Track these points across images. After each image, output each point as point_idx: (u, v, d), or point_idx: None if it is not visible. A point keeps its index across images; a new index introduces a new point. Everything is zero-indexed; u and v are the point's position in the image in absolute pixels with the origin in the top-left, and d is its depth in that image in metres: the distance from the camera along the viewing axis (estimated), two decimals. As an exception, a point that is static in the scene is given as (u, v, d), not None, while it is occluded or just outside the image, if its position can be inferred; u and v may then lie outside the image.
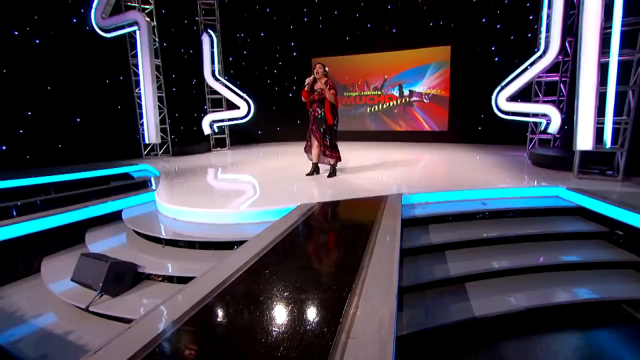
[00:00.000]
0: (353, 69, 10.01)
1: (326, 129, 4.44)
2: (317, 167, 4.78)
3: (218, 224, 3.38)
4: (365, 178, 4.58)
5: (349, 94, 10.22)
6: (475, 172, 4.93)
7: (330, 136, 4.50)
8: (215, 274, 2.13)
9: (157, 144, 7.98)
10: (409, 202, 3.76)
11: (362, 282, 1.95)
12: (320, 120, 4.45)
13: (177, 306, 1.78)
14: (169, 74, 8.59)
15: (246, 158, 7.47)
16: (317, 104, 4.38)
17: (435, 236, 3.25)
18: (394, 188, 3.98)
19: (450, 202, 3.80)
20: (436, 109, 9.30)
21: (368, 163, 5.83)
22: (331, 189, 4.07)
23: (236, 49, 10.23)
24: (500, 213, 3.62)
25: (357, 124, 10.18)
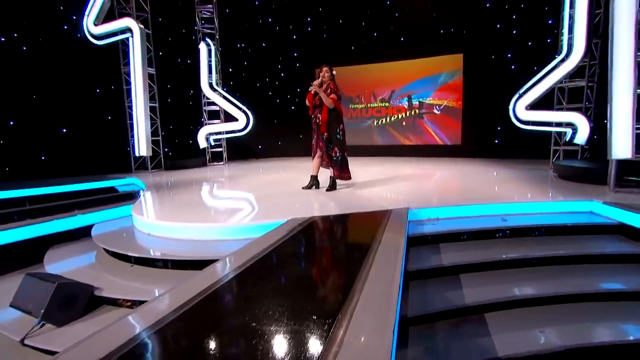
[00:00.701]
0: (359, 80, 9.99)
1: (329, 138, 4.25)
2: (316, 180, 4.58)
3: (197, 241, 3.15)
4: (368, 192, 4.37)
5: (354, 107, 10.18)
6: (493, 186, 4.68)
7: (335, 146, 4.25)
8: (169, 298, 1.79)
9: (148, 157, 7.86)
10: (416, 217, 3.45)
11: (352, 312, 1.60)
12: (319, 128, 4.29)
13: (110, 339, 1.44)
14: (164, 84, 8.59)
15: (243, 172, 7.38)
16: (318, 110, 4.22)
17: (447, 257, 2.91)
18: (400, 202, 3.74)
19: (465, 218, 3.49)
20: (448, 121, 9.15)
21: (374, 178, 5.65)
22: (329, 203, 3.86)
23: (236, 60, 10.28)
24: (524, 231, 3.27)
25: (364, 138, 10.08)
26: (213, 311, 1.68)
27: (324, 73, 4.22)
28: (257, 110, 9.28)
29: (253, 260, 2.29)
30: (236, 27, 10.04)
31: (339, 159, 4.30)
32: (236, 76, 10.26)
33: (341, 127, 4.31)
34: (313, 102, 4.27)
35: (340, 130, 4.29)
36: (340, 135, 4.29)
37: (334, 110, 4.22)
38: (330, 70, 4.28)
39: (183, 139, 9.25)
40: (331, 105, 4.15)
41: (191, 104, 9.42)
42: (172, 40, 8.94)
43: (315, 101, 4.25)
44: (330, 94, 4.18)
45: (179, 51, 9.09)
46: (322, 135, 4.21)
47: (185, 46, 9.11)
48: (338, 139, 4.27)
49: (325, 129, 4.17)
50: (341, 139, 4.30)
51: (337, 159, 4.29)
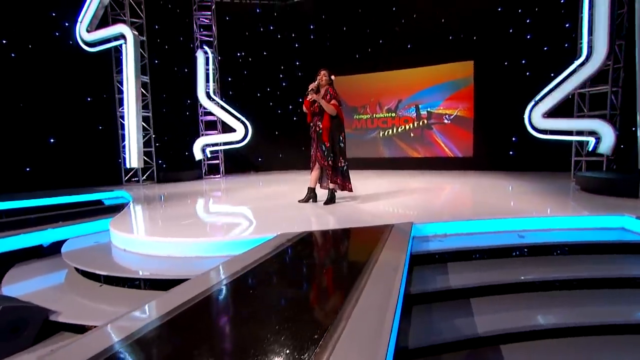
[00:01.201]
0: (364, 89, 9.92)
1: (330, 147, 4.12)
2: (314, 192, 4.43)
3: (176, 258, 2.98)
4: (370, 206, 4.19)
5: (359, 117, 10.08)
6: (508, 200, 4.45)
7: (340, 156, 4.15)
8: (125, 322, 1.55)
9: (139, 169, 7.82)
10: (421, 233, 3.23)
11: (335, 343, 1.35)
12: (321, 137, 4.15)
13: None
14: (159, 93, 8.61)
15: (239, 185, 7.30)
16: (318, 117, 4.10)
17: (456, 278, 2.65)
18: (404, 217, 3.55)
19: (477, 235, 3.25)
20: (458, 131, 8.99)
21: (377, 191, 5.51)
22: (326, 217, 3.70)
23: (236, 69, 10.28)
24: (544, 249, 3.01)
25: (369, 150, 9.97)
26: (172, 339, 1.46)
27: (322, 77, 4.14)
28: (257, 121, 9.25)
29: (227, 281, 2.07)
30: (236, 35, 10.08)
31: (344, 169, 4.21)
32: (236, 85, 10.24)
33: (343, 135, 4.22)
34: (312, 109, 4.17)
35: (342, 139, 4.21)
36: (343, 143, 4.22)
37: (336, 117, 4.13)
38: (328, 75, 4.20)
39: (178, 151, 9.19)
40: (333, 112, 4.05)
41: (188, 114, 9.39)
42: (169, 48, 8.97)
43: (314, 108, 4.15)
44: (331, 100, 4.08)
45: (176, 59, 9.11)
46: (323, 144, 4.09)
47: (182, 54, 9.13)
48: (341, 148, 4.19)
49: (328, 138, 4.06)
50: (343, 148, 4.22)
51: (342, 168, 4.20)
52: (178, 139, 9.15)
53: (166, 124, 8.81)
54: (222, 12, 9.67)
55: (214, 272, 2.23)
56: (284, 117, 10.49)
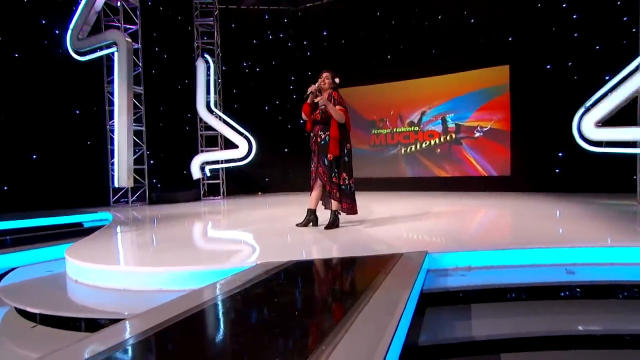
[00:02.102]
0: (383, 100, 9.84)
1: (333, 161, 3.91)
2: (314, 215, 4.21)
3: (132, 291, 2.73)
4: (381, 231, 3.91)
5: (378, 132, 9.99)
6: (554, 226, 4.03)
7: (343, 172, 3.95)
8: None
9: (129, 189, 7.74)
10: (439, 265, 2.83)
11: None
12: (324, 149, 3.94)
13: None
14: (155, 105, 8.63)
15: (238, 207, 7.26)
16: (320, 126, 3.93)
17: (482, 325, 2.21)
18: (420, 244, 3.23)
19: (511, 268, 2.83)
20: (493, 147, 8.69)
21: (395, 215, 5.26)
22: (323, 243, 3.44)
23: (242, 80, 10.31)
24: (604, 290, 2.54)
25: (389, 169, 9.82)
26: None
27: (324, 80, 3.97)
28: (264, 137, 9.22)
29: (170, 323, 1.73)
30: (242, 43, 10.17)
31: (347, 188, 3.95)
32: (241, 98, 10.25)
33: (349, 147, 4.02)
34: (312, 116, 3.99)
35: (347, 152, 4.00)
36: (348, 157, 4.00)
37: (343, 126, 3.95)
38: (332, 77, 4.02)
39: (175, 169, 9.14)
40: (342, 118, 3.88)
41: (187, 129, 9.42)
42: (168, 57, 9.04)
43: (314, 115, 3.97)
44: (336, 105, 3.91)
45: (175, 69, 9.16)
46: (325, 157, 3.89)
47: (182, 64, 9.18)
48: (345, 162, 3.97)
49: (336, 149, 3.85)
50: (348, 162, 4.00)
51: (345, 187, 3.95)
52: (175, 156, 9.10)
53: (162, 140, 8.78)
54: (227, 19, 9.80)
55: (156, 312, 1.91)
56: (294, 133, 10.35)
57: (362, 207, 5.74)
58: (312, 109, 3.96)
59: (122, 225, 5.17)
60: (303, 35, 10.40)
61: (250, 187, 10.54)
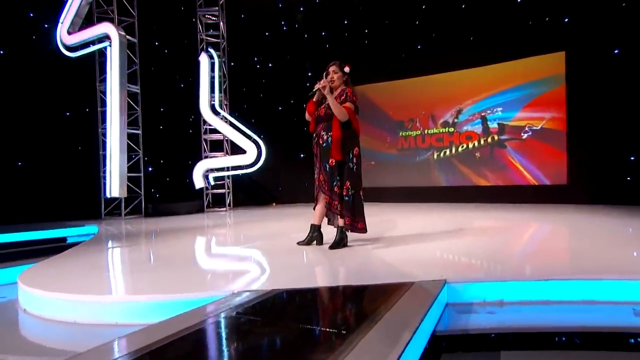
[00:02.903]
0: (413, 97, 9.66)
1: (336, 167, 3.71)
2: (318, 232, 4.04)
3: (82, 324, 2.58)
4: (395, 253, 3.65)
5: (406, 134, 9.82)
6: (624, 249, 3.67)
7: (347, 180, 3.75)
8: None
9: (122, 200, 7.72)
10: (460, 298, 2.52)
11: None
12: (325, 152, 3.76)
13: None
14: (155, 106, 8.63)
15: (243, 221, 7.30)
16: (323, 125, 3.79)
17: None
18: (440, 269, 2.92)
19: (560, 305, 2.50)
20: (545, 150, 8.31)
21: (421, 231, 5.01)
22: (323, 266, 3.29)
23: (252, 77, 10.26)
24: None
25: (419, 176, 9.64)
26: None
27: (332, 75, 3.79)
28: (278, 140, 9.17)
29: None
30: (252, 35, 10.11)
31: (351, 200, 3.72)
32: (251, 97, 10.19)
33: (356, 152, 3.79)
34: (316, 113, 3.84)
35: (354, 156, 3.77)
36: (355, 164, 3.77)
37: (348, 125, 3.75)
38: (340, 69, 3.82)
39: (176, 177, 9.10)
40: (344, 116, 3.67)
41: (191, 132, 9.39)
42: (169, 52, 9.02)
43: (318, 111, 3.82)
44: (345, 102, 3.72)
45: (178, 66, 9.11)
46: (327, 162, 3.71)
47: (185, 60, 9.12)
48: (350, 170, 3.75)
49: (335, 154, 3.67)
50: (355, 170, 3.78)
51: (348, 199, 3.71)
52: (176, 163, 9.05)
53: (162, 144, 8.75)
54: (235, 9, 9.74)
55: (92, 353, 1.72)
56: (311, 136, 10.05)
57: (384, 221, 5.80)
58: (317, 106, 3.86)
59: (102, 242, 5.10)
60: (321, 25, 10.24)
61: (261, 198, 10.45)
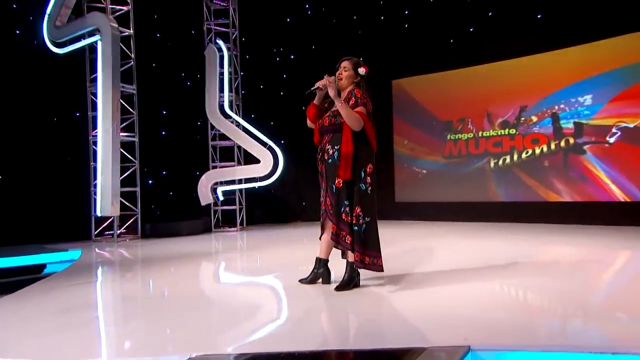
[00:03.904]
0: (462, 92, 9.35)
1: (344, 189, 3.59)
2: (325, 267, 3.91)
3: None
4: (419, 300, 3.47)
5: (456, 137, 9.52)
6: None
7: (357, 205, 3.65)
8: None
9: (115, 218, 7.60)
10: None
11: None
12: (332, 170, 3.65)
13: None
14: (155, 109, 8.62)
15: (256, 245, 7.46)
16: (329, 137, 3.69)
17: None
18: (468, 328, 2.69)
19: None
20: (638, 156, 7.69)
21: (461, 266, 4.70)
22: (317, 317, 3.20)
23: (270, 72, 10.14)
24: None
25: (471, 190, 9.29)
26: None
27: (341, 72, 3.69)
28: (300, 147, 8.70)
29: None
30: (271, 23, 9.97)
31: (362, 230, 3.58)
32: (270, 96, 10.04)
33: (369, 169, 3.64)
34: (320, 122, 3.74)
35: (366, 175, 3.61)
36: (368, 184, 3.64)
37: (361, 137, 3.61)
38: (354, 67, 3.71)
39: (181, 191, 9.03)
40: (358, 125, 3.54)
41: (199, 138, 9.26)
42: (173, 45, 8.92)
43: (322, 120, 3.71)
44: (355, 106, 3.58)
45: (184, 62, 9.05)
46: (333, 182, 3.60)
47: (193, 54, 9.03)
48: (362, 192, 3.61)
49: (347, 171, 3.52)
50: (369, 192, 3.65)
51: (359, 229, 3.58)
52: (180, 174, 9.00)
53: (163, 153, 8.71)
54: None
55: None
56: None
57: (416, 250, 5.70)
58: (319, 112, 3.74)
59: (75, 274, 5.04)
60: (353, 9, 10.00)
61: (281, 215, 10.27)
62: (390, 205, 9.40)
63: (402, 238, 6.82)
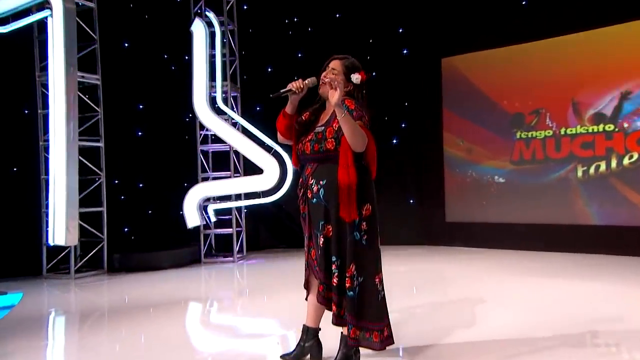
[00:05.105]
0: (535, 74, 8.99)
1: (334, 238, 3.54)
2: (314, 339, 3.91)
3: None
4: None
5: (528, 135, 9.14)
6: None
7: (354, 260, 3.56)
8: None
9: (72, 249, 7.43)
10: None
11: None
12: (318, 211, 3.58)
13: None
14: (127, 103, 8.64)
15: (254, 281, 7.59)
16: (313, 166, 3.60)
17: None
18: None
19: None
20: None
21: (522, 334, 4.38)
22: None
23: (280, 51, 10.05)
24: None
25: (549, 207, 8.85)
26: None
27: (328, 73, 3.55)
28: None
29: None
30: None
31: (356, 295, 3.59)
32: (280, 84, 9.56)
33: (367, 210, 3.52)
34: (298, 146, 3.69)
35: (363, 219, 3.52)
36: (365, 231, 3.51)
37: (362, 161, 3.56)
38: (346, 70, 3.59)
39: (162, 209, 8.98)
40: (362, 145, 3.43)
41: (187, 140, 9.21)
42: (151, 20, 8.83)
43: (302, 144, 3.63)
44: (357, 119, 3.46)
45: (166, 40, 8.99)
46: (320, 230, 3.53)
47: (179, 30, 8.89)
48: (357, 242, 3.53)
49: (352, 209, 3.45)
50: (364, 242, 3.54)
51: (353, 294, 3.56)
52: (161, 188, 8.98)
53: (139, 160, 8.66)
54: None
55: None
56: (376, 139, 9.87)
57: (472, 299, 5.26)
58: (302, 125, 3.59)
59: (5, 333, 4.91)
60: None
61: (293, 237, 9.93)
62: (439, 227, 9.19)
63: (450, 276, 6.62)
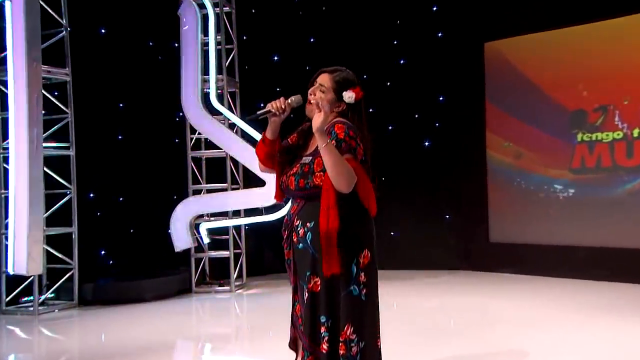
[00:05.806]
0: (599, 62, 8.64)
1: (323, 293, 3.24)
2: None
3: None
4: None
5: (591, 138, 8.77)
6: None
7: (348, 320, 3.24)
8: None
9: (36, 279, 7.22)
10: None
11: None
12: (305, 261, 3.23)
13: None
14: (104, 102, 8.52)
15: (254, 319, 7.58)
16: (299, 205, 3.36)
17: None
18: None
19: None
20: None
21: None
22: None
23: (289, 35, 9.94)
24: None
25: (618, 227, 8.43)
26: None
27: (315, 89, 3.23)
28: None
29: None
30: None
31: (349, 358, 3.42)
32: (289, 76, 9.42)
33: (365, 258, 3.20)
34: (282, 179, 3.45)
35: (360, 269, 3.22)
36: (363, 284, 3.23)
37: (352, 201, 3.18)
38: (336, 86, 3.26)
39: (147, 228, 8.78)
40: (348, 185, 3.13)
41: (177, 143, 8.99)
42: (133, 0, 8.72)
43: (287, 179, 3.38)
44: (346, 151, 3.14)
45: (152, 25, 8.90)
46: (307, 282, 3.27)
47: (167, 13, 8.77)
48: (354, 298, 3.26)
49: (331, 264, 3.10)
50: (363, 297, 3.26)
51: (348, 356, 3.31)
52: (145, 202, 8.85)
53: (118, 170, 8.55)
54: None
55: None
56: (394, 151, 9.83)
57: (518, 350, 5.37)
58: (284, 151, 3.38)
59: None
60: None
61: None
62: (481, 249, 9.12)
63: (495, 315, 6.51)
